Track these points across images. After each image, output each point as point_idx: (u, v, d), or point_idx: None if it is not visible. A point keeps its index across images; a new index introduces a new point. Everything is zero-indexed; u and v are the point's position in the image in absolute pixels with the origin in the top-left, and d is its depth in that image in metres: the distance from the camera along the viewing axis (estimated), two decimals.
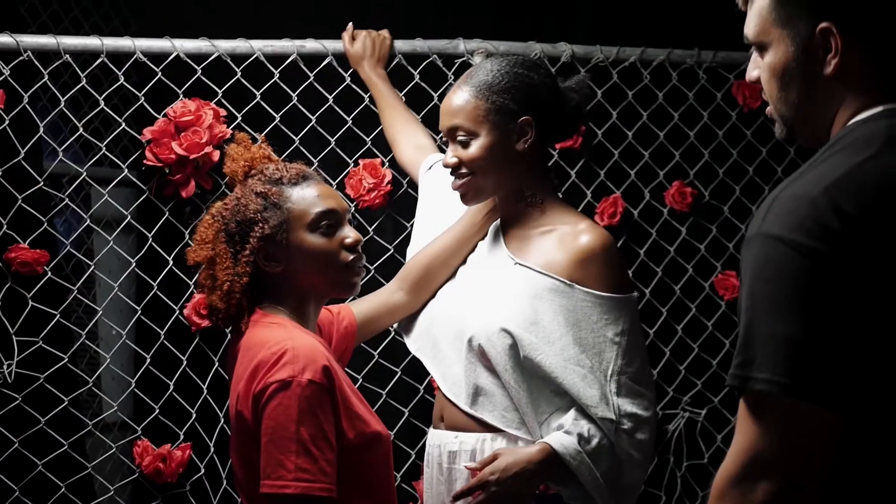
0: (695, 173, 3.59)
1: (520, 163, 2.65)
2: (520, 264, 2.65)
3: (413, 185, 3.08)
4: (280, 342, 2.22)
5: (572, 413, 2.55)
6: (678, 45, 3.50)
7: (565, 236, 2.64)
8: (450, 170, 2.65)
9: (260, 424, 2.18)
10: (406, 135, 3.07)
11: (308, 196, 2.38)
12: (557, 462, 2.51)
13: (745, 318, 1.61)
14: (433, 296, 2.79)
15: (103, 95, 3.06)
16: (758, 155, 3.63)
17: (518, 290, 2.62)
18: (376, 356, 3.17)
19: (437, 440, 2.71)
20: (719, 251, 3.61)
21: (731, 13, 1.90)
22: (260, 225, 2.33)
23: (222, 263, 2.36)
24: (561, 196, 2.85)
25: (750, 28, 1.84)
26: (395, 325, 2.86)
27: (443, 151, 3.03)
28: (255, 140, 2.53)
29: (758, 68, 1.85)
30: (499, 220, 2.76)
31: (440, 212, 2.86)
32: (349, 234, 2.39)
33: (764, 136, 3.62)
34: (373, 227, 3.19)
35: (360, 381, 3.13)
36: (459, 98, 2.63)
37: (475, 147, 2.61)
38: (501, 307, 2.61)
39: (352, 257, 2.38)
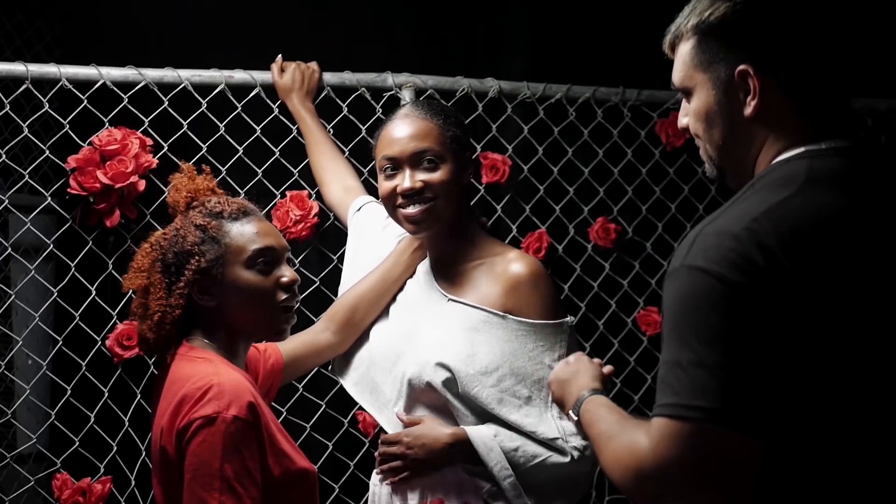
0: (618, 210, 3.63)
1: (463, 195, 2.71)
2: (453, 300, 2.67)
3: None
4: (206, 377, 2.20)
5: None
6: (603, 83, 3.54)
7: (496, 267, 2.67)
8: (399, 198, 2.65)
9: (183, 460, 2.15)
10: (334, 175, 3.08)
11: (247, 232, 2.36)
12: (468, 447, 2.56)
13: (670, 349, 1.64)
14: (365, 336, 2.81)
15: (26, 123, 3.01)
16: (680, 192, 3.68)
17: (453, 325, 2.64)
18: (301, 389, 3.15)
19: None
20: (642, 287, 3.65)
21: (656, 52, 1.94)
22: (197, 258, 2.31)
23: (156, 293, 2.33)
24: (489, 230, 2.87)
25: (676, 74, 1.88)
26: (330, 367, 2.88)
27: (369, 189, 3.04)
28: (200, 171, 2.51)
29: (686, 115, 1.89)
30: (427, 257, 2.77)
31: (370, 252, 2.90)
32: (286, 273, 2.38)
33: (686, 173, 3.68)
34: (299, 259, 3.18)
35: (285, 413, 3.10)
36: (424, 123, 2.67)
37: (443, 171, 2.65)
38: (437, 344, 2.62)
39: (286, 297, 2.37)
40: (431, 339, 2.65)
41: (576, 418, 2.00)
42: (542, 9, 3.82)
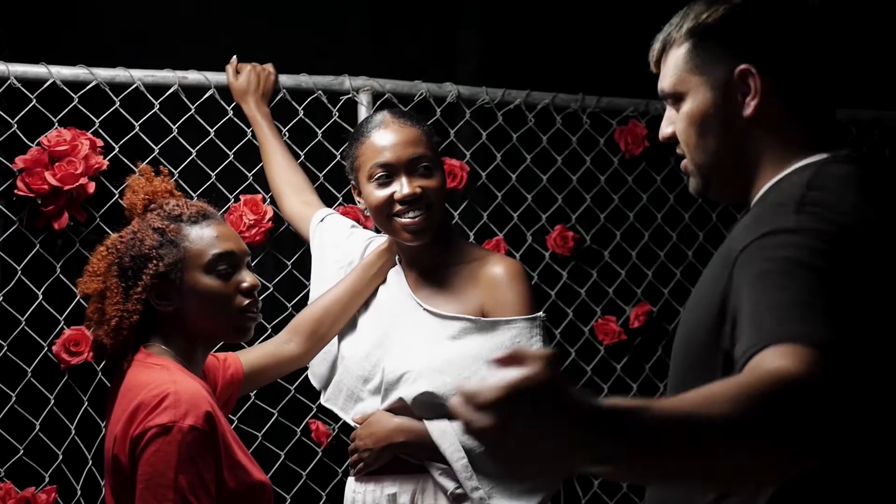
0: (577, 217, 3.60)
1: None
2: (427, 310, 2.67)
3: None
4: (162, 385, 2.14)
5: None
6: (563, 89, 3.52)
7: (476, 272, 2.68)
8: (396, 205, 2.62)
9: (136, 469, 2.09)
10: (293, 189, 3.03)
11: (207, 236, 2.30)
12: (418, 431, 2.59)
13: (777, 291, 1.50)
14: (333, 347, 2.79)
15: None
16: (639, 201, 3.67)
17: (430, 334, 2.64)
18: (252, 397, 3.09)
19: (369, 486, 2.68)
20: (600, 296, 3.63)
21: (616, 60, 1.92)
22: (154, 262, 2.25)
23: (112, 298, 2.27)
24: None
25: (666, 80, 1.85)
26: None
27: (325, 192, 3.00)
28: (157, 172, 2.45)
29: (672, 124, 1.86)
30: (398, 265, 2.74)
31: (335, 262, 2.87)
32: (246, 278, 2.33)
33: (645, 182, 3.66)
34: (253, 263, 3.11)
35: (236, 422, 3.04)
36: (414, 130, 2.67)
37: (437, 178, 2.67)
38: (414, 353, 2.62)
39: (247, 302, 2.31)
40: (407, 349, 2.64)
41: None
42: (498, 14, 3.79)
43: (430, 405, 2.58)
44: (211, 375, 2.50)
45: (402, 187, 2.61)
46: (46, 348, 2.90)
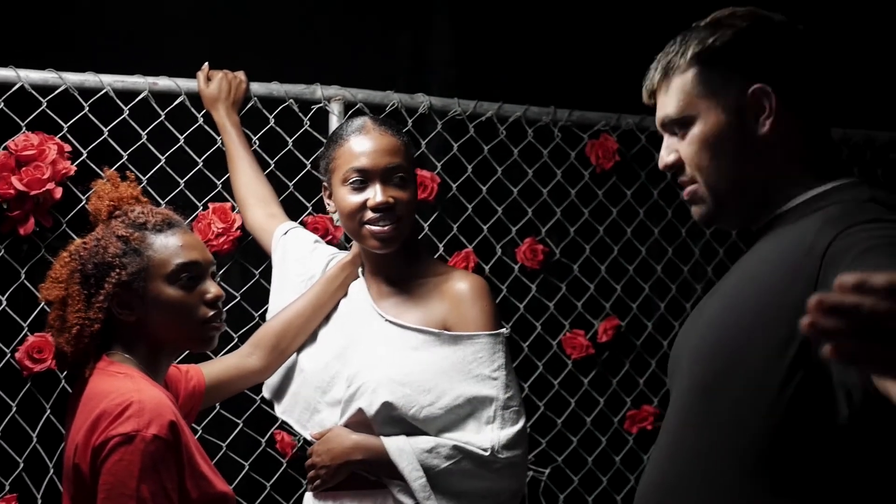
0: (546, 231, 3.60)
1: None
2: (389, 320, 2.65)
3: None
4: (125, 393, 2.11)
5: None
6: (535, 102, 3.52)
7: (440, 286, 2.67)
8: (368, 212, 2.62)
9: (98, 479, 2.06)
10: (257, 200, 3.02)
11: (171, 245, 2.28)
12: (375, 449, 2.55)
13: None
14: (294, 359, 2.77)
15: None
16: (609, 215, 3.67)
17: (391, 344, 2.62)
18: (217, 407, 3.07)
19: (327, 502, 2.66)
20: (568, 309, 3.63)
21: (588, 74, 1.92)
22: (117, 270, 2.22)
23: (74, 305, 2.24)
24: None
25: (671, 107, 1.86)
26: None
27: (291, 201, 2.98)
28: (124, 178, 2.42)
29: (674, 152, 1.87)
30: (361, 277, 2.73)
31: (297, 276, 2.86)
32: (210, 288, 2.30)
33: (615, 196, 3.67)
34: (220, 273, 3.09)
35: (200, 432, 3.01)
36: (393, 140, 2.67)
37: (410, 191, 2.67)
38: (374, 364, 2.60)
39: (211, 313, 2.29)
40: (369, 360, 2.62)
41: None
42: (471, 25, 3.79)
43: (390, 418, 2.56)
44: (173, 386, 2.47)
45: (375, 195, 2.60)
46: (9, 355, 2.86)
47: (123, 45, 3.26)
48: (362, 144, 2.64)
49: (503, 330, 2.68)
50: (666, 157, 1.90)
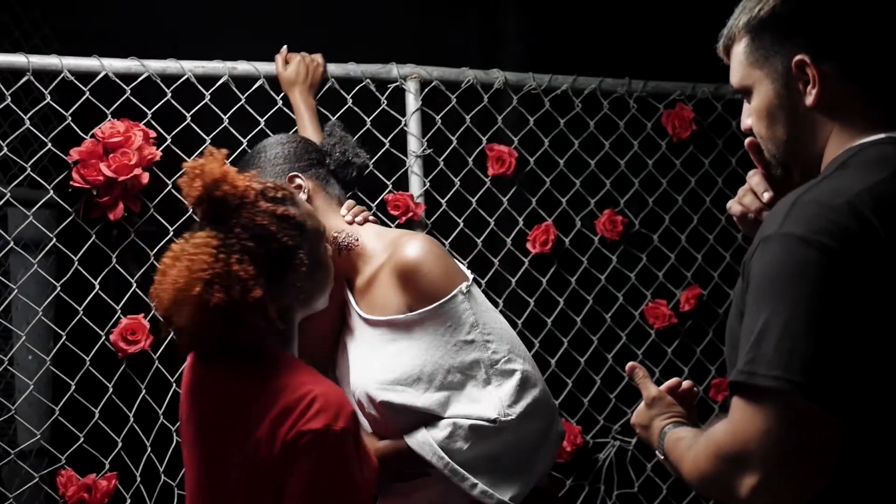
0: (625, 202, 3.60)
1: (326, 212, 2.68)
2: (365, 319, 2.61)
3: None
4: (304, 386, 2.10)
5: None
6: (609, 73, 3.51)
7: (384, 268, 2.60)
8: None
9: (289, 472, 2.06)
10: None
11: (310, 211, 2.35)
12: (403, 451, 2.50)
13: (756, 317, 1.59)
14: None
15: (28, 115, 2.96)
16: (687, 184, 3.66)
17: (370, 344, 2.59)
18: None
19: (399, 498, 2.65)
20: (649, 279, 3.62)
21: (663, 43, 1.93)
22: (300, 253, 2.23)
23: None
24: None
25: (734, 76, 1.88)
26: None
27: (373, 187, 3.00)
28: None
29: (749, 116, 1.88)
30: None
31: None
32: None
33: (692, 165, 3.65)
34: None
35: None
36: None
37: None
38: (362, 372, 2.57)
39: None
40: (357, 365, 2.60)
41: (662, 457, 1.94)
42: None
43: (397, 412, 2.52)
44: None
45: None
46: (104, 338, 2.93)
47: (202, 31, 3.31)
48: None
49: (461, 285, 2.56)
50: (744, 120, 1.92)
